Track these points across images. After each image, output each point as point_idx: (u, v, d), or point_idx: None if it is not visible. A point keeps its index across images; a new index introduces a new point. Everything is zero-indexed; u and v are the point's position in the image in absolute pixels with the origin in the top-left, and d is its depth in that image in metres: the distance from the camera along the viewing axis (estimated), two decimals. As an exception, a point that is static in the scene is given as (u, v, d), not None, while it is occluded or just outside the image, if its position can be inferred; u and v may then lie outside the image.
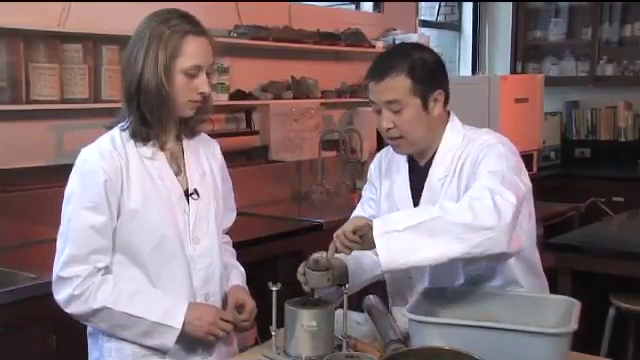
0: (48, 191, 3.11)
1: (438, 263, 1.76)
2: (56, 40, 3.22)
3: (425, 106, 1.98)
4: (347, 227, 1.81)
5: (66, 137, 3.39)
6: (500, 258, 1.85)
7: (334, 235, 1.83)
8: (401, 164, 2.13)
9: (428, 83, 1.97)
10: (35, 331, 2.46)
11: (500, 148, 1.96)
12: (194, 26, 1.85)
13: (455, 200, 1.96)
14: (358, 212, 2.27)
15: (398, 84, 1.95)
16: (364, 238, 1.79)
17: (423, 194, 2.05)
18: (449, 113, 2.08)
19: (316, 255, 1.95)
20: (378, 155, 2.27)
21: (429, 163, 2.05)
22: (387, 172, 2.18)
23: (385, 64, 1.97)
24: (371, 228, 1.76)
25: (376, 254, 1.76)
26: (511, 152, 1.97)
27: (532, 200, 2.05)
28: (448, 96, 2.04)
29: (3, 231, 3.03)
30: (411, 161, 2.11)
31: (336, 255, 1.95)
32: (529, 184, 1.93)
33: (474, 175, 1.93)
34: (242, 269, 2.14)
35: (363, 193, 2.30)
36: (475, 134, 2.05)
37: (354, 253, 1.91)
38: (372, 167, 2.27)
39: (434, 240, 1.72)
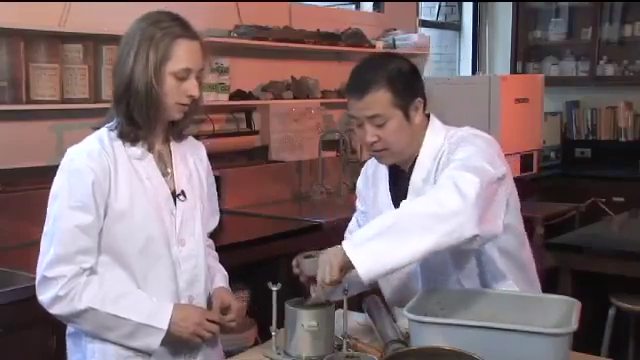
0: (48, 191, 3.10)
1: (417, 260, 1.75)
2: (56, 40, 3.22)
3: (407, 116, 1.98)
4: (331, 272, 1.74)
5: (66, 137, 3.39)
6: (474, 242, 1.78)
7: (320, 282, 1.77)
8: (382, 171, 2.14)
9: (408, 93, 1.97)
10: (35, 331, 2.45)
11: (472, 139, 1.96)
12: (185, 29, 1.85)
13: None
14: (353, 225, 2.32)
15: (379, 99, 1.94)
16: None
17: (407, 197, 2.05)
18: (429, 116, 2.08)
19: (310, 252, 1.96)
20: (364, 167, 2.28)
21: (412, 167, 2.06)
22: (373, 182, 2.19)
23: (363, 79, 1.96)
24: (342, 248, 1.73)
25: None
26: (484, 142, 1.95)
27: (515, 193, 2.03)
28: (426, 101, 2.04)
29: (3, 231, 3.03)
30: (395, 168, 2.11)
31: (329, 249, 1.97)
32: (501, 170, 1.88)
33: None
34: (225, 272, 2.13)
35: (356, 205, 2.32)
36: (454, 132, 2.05)
37: None
38: (359, 180, 2.29)
39: (405, 239, 1.70)
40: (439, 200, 1.72)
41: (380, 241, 1.71)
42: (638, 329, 3.45)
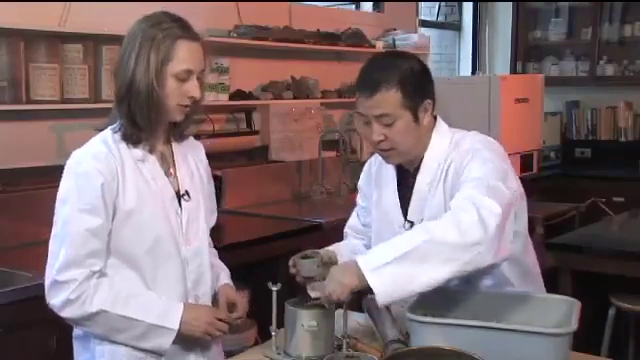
0: (48, 191, 3.07)
1: (434, 287, 1.73)
2: (56, 40, 3.22)
3: (415, 117, 1.97)
4: (342, 293, 1.75)
5: (66, 137, 3.39)
6: (487, 269, 1.84)
7: (327, 294, 1.78)
8: (389, 171, 2.13)
9: (418, 94, 1.96)
10: (35, 331, 2.45)
11: (485, 153, 1.94)
12: (186, 31, 1.85)
13: (441, 206, 1.96)
14: (353, 220, 2.33)
15: (389, 99, 1.93)
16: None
17: (412, 200, 2.05)
18: (435, 118, 2.07)
19: (306, 251, 1.97)
20: (367, 164, 2.27)
21: (417, 169, 2.05)
22: (377, 180, 2.18)
23: (374, 77, 1.95)
24: (358, 267, 1.72)
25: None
26: (497, 156, 1.95)
27: (524, 203, 2.04)
28: (435, 102, 2.03)
29: (3, 231, 3.03)
30: (400, 168, 2.11)
31: (327, 248, 2.01)
32: (515, 188, 1.90)
33: (458, 181, 1.92)
34: (227, 269, 2.14)
35: (357, 201, 2.32)
36: (462, 137, 2.04)
37: (349, 247, 2.00)
38: (362, 177, 2.28)
39: (425, 266, 1.69)
40: (461, 228, 1.70)
41: (399, 267, 1.69)
42: (638, 329, 3.45)
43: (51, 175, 3.21)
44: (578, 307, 1.76)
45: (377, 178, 2.18)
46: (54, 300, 1.82)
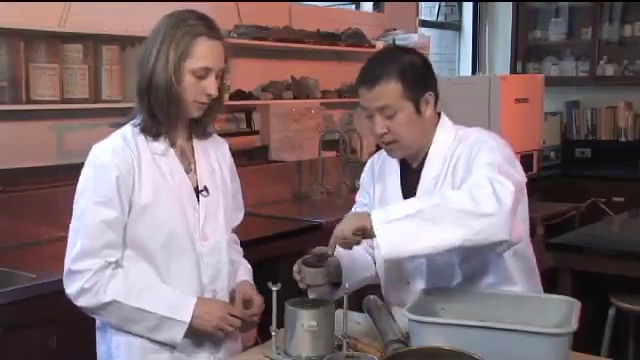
0: (48, 191, 3.11)
1: (439, 251, 1.74)
2: (56, 40, 3.22)
3: (417, 109, 1.99)
4: (346, 228, 1.79)
5: (66, 137, 3.39)
6: (500, 247, 1.82)
7: (334, 234, 1.81)
8: (393, 168, 2.14)
9: (419, 86, 1.98)
10: (35, 331, 2.46)
11: (491, 143, 1.97)
12: (209, 29, 1.88)
13: None
14: None
15: (390, 90, 1.95)
16: (364, 231, 1.77)
17: (417, 195, 2.05)
18: (439, 114, 2.08)
19: (315, 250, 1.96)
20: (370, 161, 2.28)
21: (421, 165, 2.06)
22: (379, 176, 2.19)
23: (375, 70, 1.98)
24: (370, 218, 1.75)
25: (372, 247, 1.76)
26: (503, 145, 1.99)
27: (526, 199, 2.05)
28: (437, 97, 2.04)
29: (3, 231, 3.03)
30: (403, 164, 2.11)
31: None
32: (523, 175, 1.92)
33: (469, 172, 1.92)
34: (249, 266, 2.16)
35: (356, 199, 2.31)
36: (466, 133, 2.06)
37: (348, 252, 1.95)
38: (364, 173, 2.29)
39: (434, 227, 1.71)
40: (475, 199, 1.72)
41: (409, 224, 1.71)
42: (638, 329, 3.45)
43: (51, 175, 3.23)
44: (578, 307, 1.76)
45: (380, 174, 2.19)
46: (69, 289, 1.86)
